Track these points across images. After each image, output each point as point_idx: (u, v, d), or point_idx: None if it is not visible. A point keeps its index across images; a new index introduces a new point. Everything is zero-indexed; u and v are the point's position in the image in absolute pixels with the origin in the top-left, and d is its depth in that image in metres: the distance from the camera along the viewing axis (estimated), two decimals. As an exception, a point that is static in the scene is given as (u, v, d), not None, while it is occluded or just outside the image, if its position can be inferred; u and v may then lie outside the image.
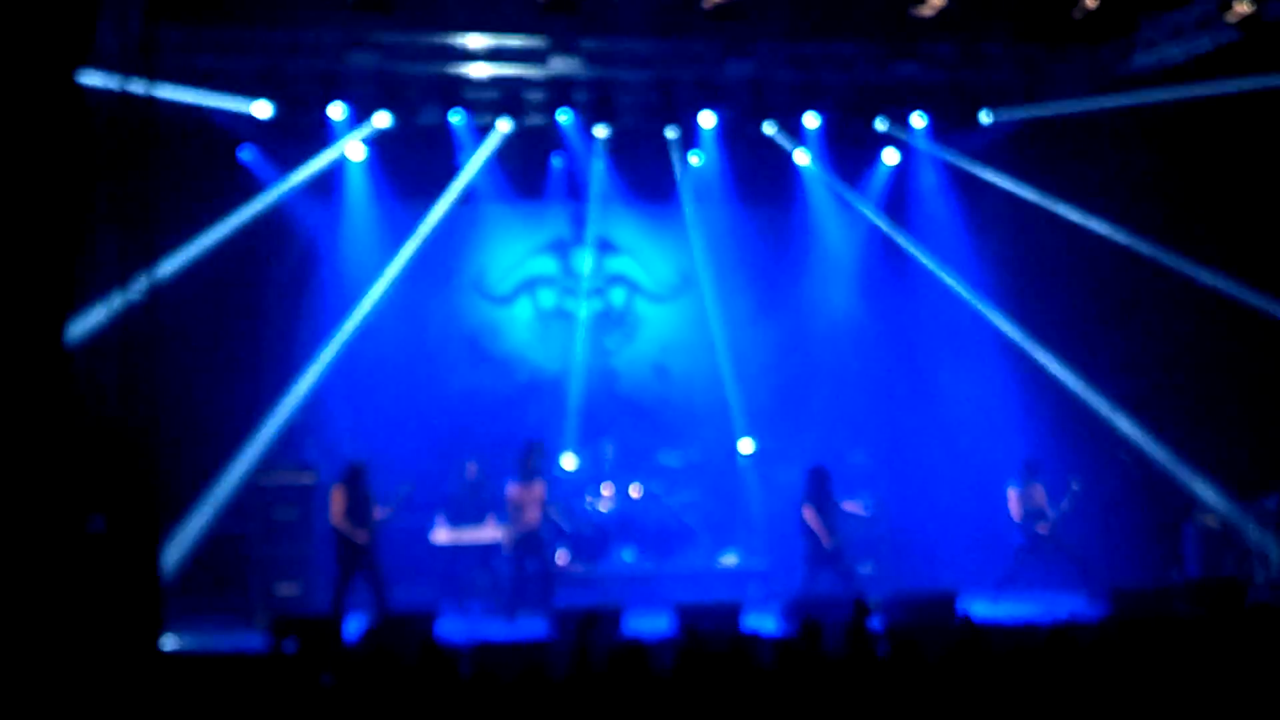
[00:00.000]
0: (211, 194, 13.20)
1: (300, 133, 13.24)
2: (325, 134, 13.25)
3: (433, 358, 14.50)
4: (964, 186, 14.69)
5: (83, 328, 10.66)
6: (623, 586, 12.92)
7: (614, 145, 14.03)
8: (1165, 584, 12.24)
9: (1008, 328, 14.31)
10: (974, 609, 10.59)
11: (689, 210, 14.90)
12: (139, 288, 11.57)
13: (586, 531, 13.48)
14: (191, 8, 10.84)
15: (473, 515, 13.01)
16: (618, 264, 15.26)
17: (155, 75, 11.46)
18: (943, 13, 10.98)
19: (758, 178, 14.73)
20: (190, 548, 12.47)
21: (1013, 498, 12.79)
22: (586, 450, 14.31)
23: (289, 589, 12.28)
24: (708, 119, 13.38)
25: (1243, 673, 7.10)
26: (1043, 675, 6.99)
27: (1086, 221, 13.73)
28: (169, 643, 10.69)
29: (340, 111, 12.80)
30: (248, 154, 13.45)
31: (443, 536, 12.93)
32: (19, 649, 8.44)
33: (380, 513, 11.70)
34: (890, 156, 14.54)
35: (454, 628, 11.10)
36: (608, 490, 13.82)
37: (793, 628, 9.50)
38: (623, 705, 6.68)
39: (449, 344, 14.66)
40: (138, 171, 12.08)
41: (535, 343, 14.97)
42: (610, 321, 15.17)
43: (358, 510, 11.51)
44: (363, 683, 6.96)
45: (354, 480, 11.59)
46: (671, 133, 13.88)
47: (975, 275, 14.58)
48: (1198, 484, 12.99)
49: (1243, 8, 11.04)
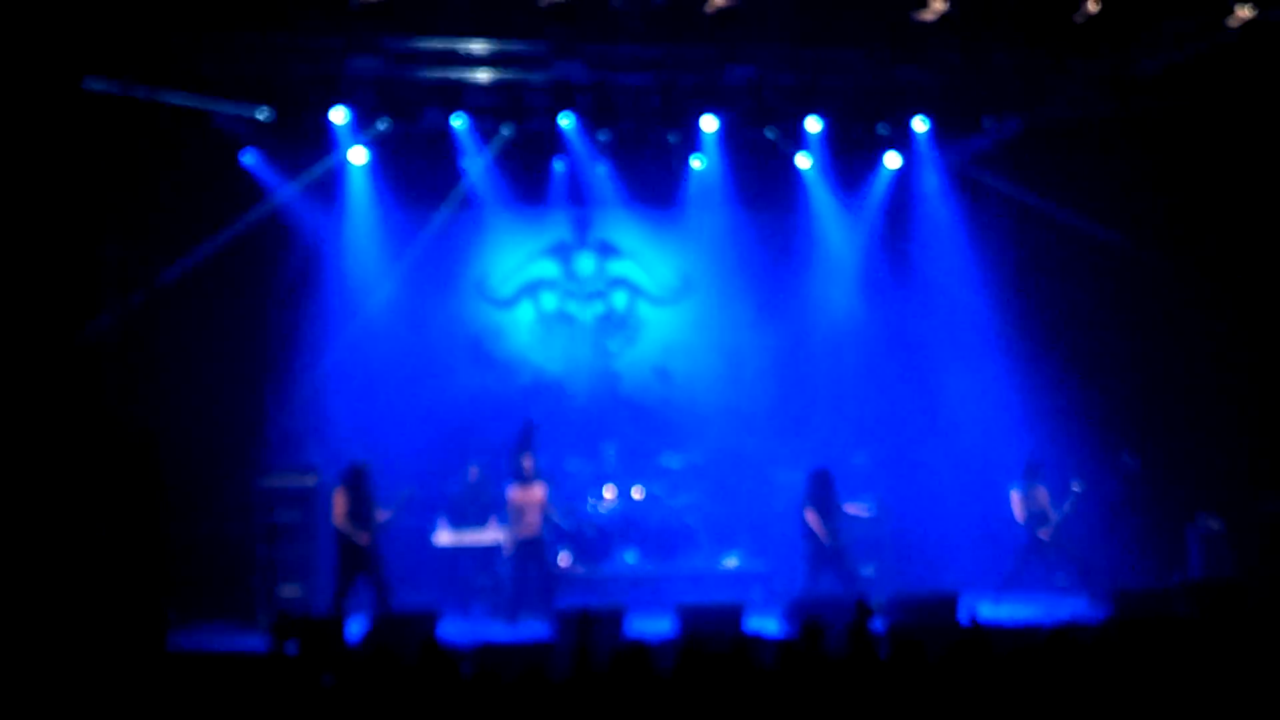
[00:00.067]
0: (214, 199, 13.24)
1: (303, 137, 13.26)
2: (328, 138, 13.27)
3: (435, 360, 14.53)
4: (965, 190, 14.71)
5: (88, 331, 10.71)
6: (624, 588, 12.93)
7: (616, 149, 14.04)
8: (1167, 586, 12.25)
9: (1009, 330, 14.32)
10: (977, 610, 10.61)
11: (691, 214, 14.93)
12: (143, 292, 11.63)
13: (588, 533, 13.48)
14: (193, 13, 10.84)
15: (474, 517, 13.03)
16: (620, 267, 15.28)
17: (159, 81, 11.55)
18: (944, 18, 11.00)
19: (759, 182, 14.75)
20: (193, 549, 12.51)
21: (1016, 499, 12.80)
22: (589, 453, 14.34)
23: (291, 590, 12.29)
24: (709, 123, 13.39)
25: (1243, 674, 7.11)
26: (1044, 677, 7.00)
27: (1087, 225, 13.74)
28: (172, 643, 10.70)
29: (342, 116, 12.82)
30: (250, 158, 13.48)
31: (444, 538, 12.94)
32: (25, 648, 8.46)
33: (382, 514, 11.72)
34: (892, 160, 14.55)
35: (455, 629, 11.14)
36: (610, 492, 13.84)
37: (794, 629, 9.52)
38: (624, 707, 6.69)
39: (451, 347, 14.69)
40: (142, 176, 12.15)
41: (537, 346, 14.99)
42: (612, 324, 15.19)
43: (360, 512, 11.53)
44: (364, 684, 6.97)
45: (356, 482, 11.61)
46: (673, 137, 13.87)
47: (977, 278, 14.59)
48: (1200, 486, 13.00)
49: (1244, 13, 11.04)
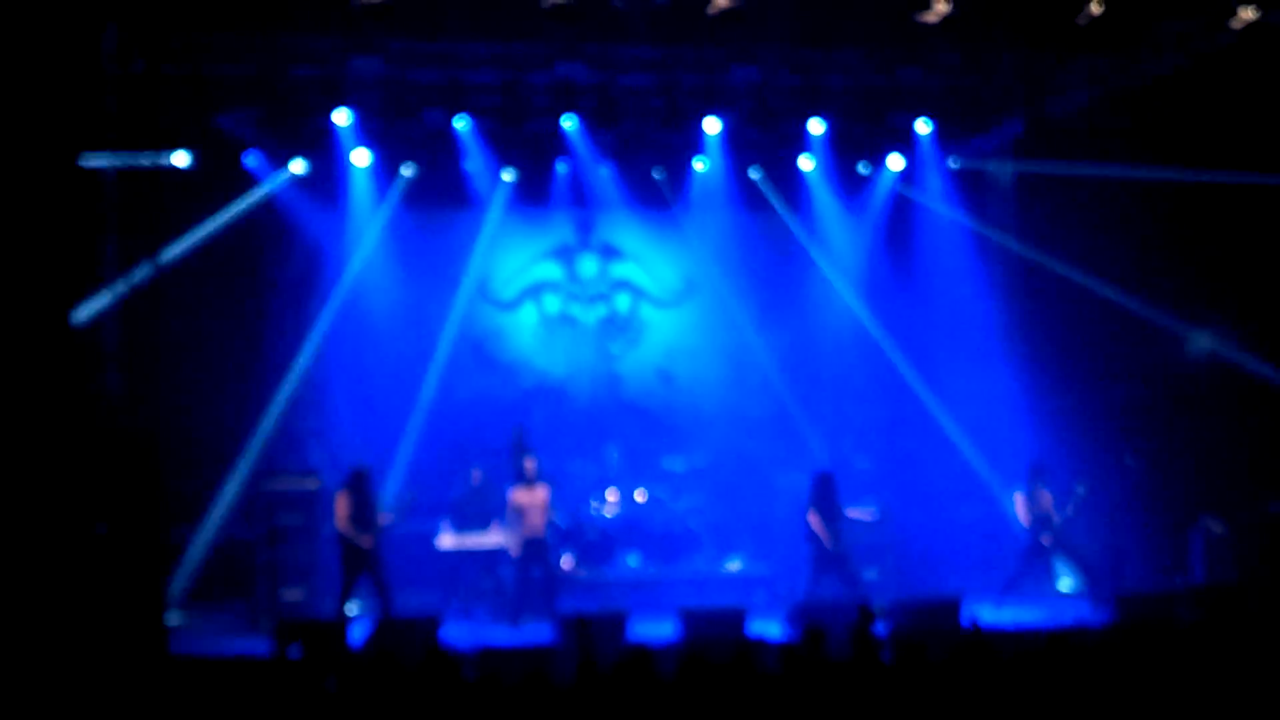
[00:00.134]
0: (216, 200, 13.24)
1: (305, 138, 13.26)
2: (330, 139, 13.27)
3: (438, 363, 14.51)
4: (968, 192, 14.70)
5: (89, 332, 10.69)
6: (627, 591, 12.92)
7: (618, 151, 14.03)
8: (1170, 589, 12.23)
9: (1011, 333, 14.31)
10: (979, 614, 10.59)
11: (694, 215, 14.92)
12: (144, 293, 11.61)
13: (591, 536, 13.46)
14: (195, 13, 10.84)
15: (477, 521, 13.00)
16: (622, 269, 15.28)
17: (161, 82, 11.56)
18: (947, 19, 10.99)
19: (762, 183, 14.73)
20: (196, 552, 12.51)
21: (1020, 503, 12.78)
22: (591, 456, 14.33)
23: (294, 594, 12.27)
24: (712, 124, 13.39)
25: (1246, 677, 7.10)
26: (1047, 680, 6.99)
27: (1090, 226, 13.72)
28: (174, 647, 10.68)
29: (345, 117, 12.82)
30: (253, 159, 13.48)
31: (447, 542, 12.92)
32: (27, 651, 8.45)
33: (385, 518, 11.70)
34: (895, 162, 14.54)
35: (458, 633, 11.11)
36: (612, 495, 13.82)
37: (797, 633, 9.51)
38: (627, 710, 6.68)
39: (454, 349, 14.66)
40: (143, 178, 12.14)
41: (540, 348, 14.99)
42: (615, 327, 15.18)
43: (362, 515, 11.51)
44: (367, 687, 6.96)
45: (358, 485, 11.59)
46: (676, 138, 13.87)
47: (979, 280, 14.57)
48: (1203, 488, 12.98)
49: (1247, 15, 11.03)
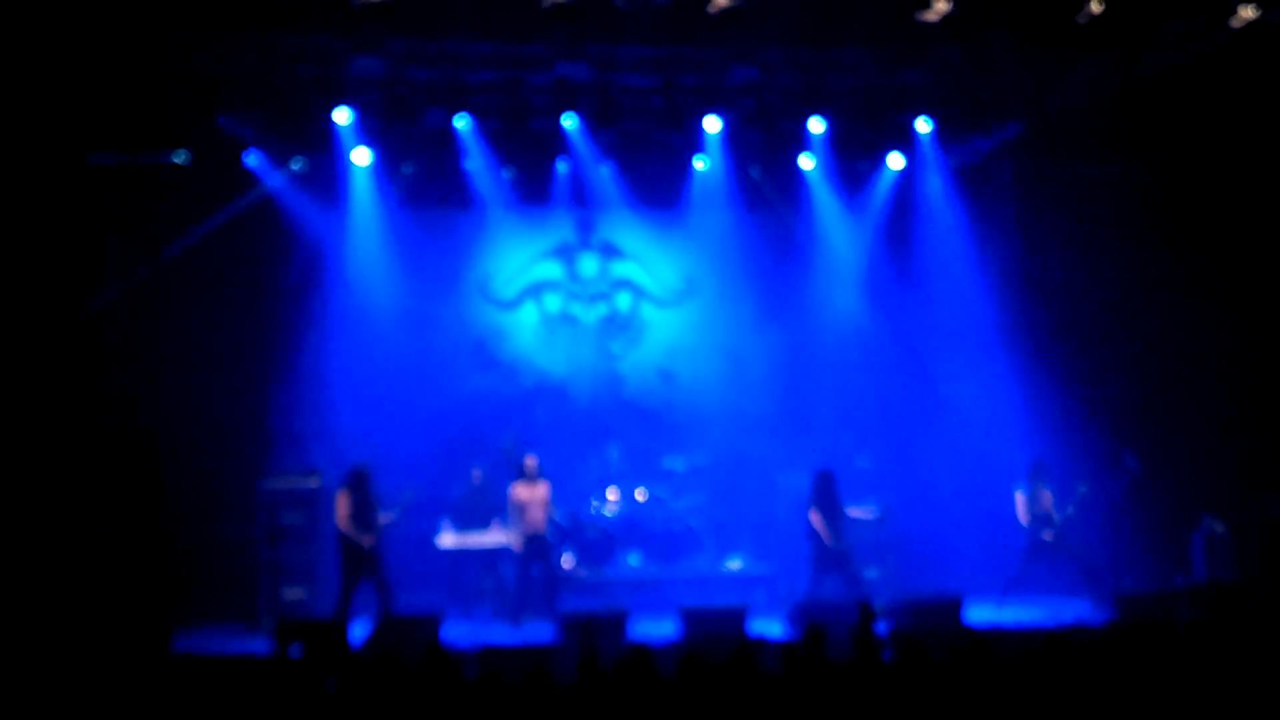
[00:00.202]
0: (216, 199, 13.24)
1: (305, 137, 13.26)
2: (331, 139, 13.26)
3: (438, 362, 14.50)
4: (969, 191, 14.69)
5: (89, 333, 10.71)
6: (628, 591, 12.93)
7: (619, 150, 14.03)
8: (1170, 588, 12.23)
9: (1012, 332, 14.30)
10: (979, 613, 10.60)
11: (694, 215, 14.92)
12: (145, 294, 11.63)
13: (592, 535, 13.46)
14: (195, 13, 10.84)
15: (478, 520, 13.01)
16: (623, 269, 15.27)
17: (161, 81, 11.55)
18: (948, 18, 10.98)
19: (763, 182, 14.73)
20: (196, 551, 12.49)
21: (1020, 501, 12.77)
22: (592, 455, 14.33)
23: (294, 593, 12.28)
24: (713, 124, 13.38)
25: (1246, 678, 7.10)
26: (1048, 680, 6.99)
27: (1091, 225, 13.72)
28: (175, 646, 10.69)
29: (345, 116, 12.81)
30: (253, 159, 13.47)
31: (448, 541, 12.92)
32: (28, 650, 8.46)
33: (385, 517, 11.70)
34: (895, 161, 14.53)
35: (459, 632, 11.12)
36: (613, 494, 13.82)
37: (798, 632, 9.52)
38: (628, 710, 6.68)
39: (455, 348, 14.67)
40: (143, 177, 12.16)
41: (541, 347, 14.98)
42: (616, 326, 15.18)
43: (363, 515, 11.51)
44: (368, 687, 6.97)
45: (359, 484, 11.60)
46: (677, 138, 13.86)
47: (980, 280, 14.56)
48: (1203, 488, 12.98)
49: (1247, 14, 11.02)
